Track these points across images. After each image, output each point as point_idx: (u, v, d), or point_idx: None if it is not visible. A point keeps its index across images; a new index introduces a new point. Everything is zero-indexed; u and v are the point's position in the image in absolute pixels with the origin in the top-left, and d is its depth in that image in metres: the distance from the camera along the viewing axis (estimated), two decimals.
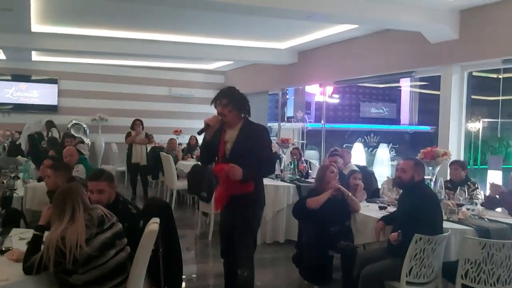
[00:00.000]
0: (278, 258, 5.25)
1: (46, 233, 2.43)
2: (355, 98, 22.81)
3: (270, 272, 4.92)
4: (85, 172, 4.87)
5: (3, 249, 2.59)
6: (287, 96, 17.92)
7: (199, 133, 3.17)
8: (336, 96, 20.81)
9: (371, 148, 13.99)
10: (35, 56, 10.12)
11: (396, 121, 22.03)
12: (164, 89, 11.91)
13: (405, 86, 19.86)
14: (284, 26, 7.03)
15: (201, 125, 3.20)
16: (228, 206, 3.24)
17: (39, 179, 4.41)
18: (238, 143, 3.14)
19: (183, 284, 4.01)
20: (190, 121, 11.61)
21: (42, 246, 2.33)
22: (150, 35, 7.78)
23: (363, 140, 15.20)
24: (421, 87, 18.40)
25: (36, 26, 7.03)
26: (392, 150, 13.32)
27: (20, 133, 7.78)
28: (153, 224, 2.52)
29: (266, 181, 5.96)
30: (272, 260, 5.24)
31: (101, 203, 2.72)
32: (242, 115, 3.21)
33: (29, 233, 2.87)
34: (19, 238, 2.83)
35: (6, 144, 7.26)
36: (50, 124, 9.65)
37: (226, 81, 12.19)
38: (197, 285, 4.56)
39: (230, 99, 3.15)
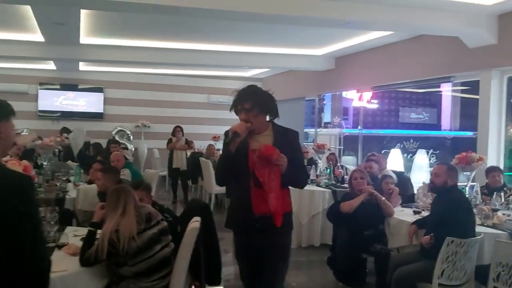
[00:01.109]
0: (313, 261, 5.36)
1: (99, 232, 2.67)
2: (394, 103, 22.51)
3: (304, 274, 5.04)
4: (130, 176, 5.18)
5: (60, 244, 2.85)
6: (324, 102, 17.98)
7: (228, 143, 2.56)
8: (375, 101, 20.60)
9: (410, 154, 13.80)
10: (82, 66, 10.68)
11: (437, 126, 21.56)
12: (203, 96, 12.25)
13: (446, 90, 19.44)
14: (321, 33, 7.15)
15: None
16: (257, 227, 2.54)
17: (89, 182, 4.74)
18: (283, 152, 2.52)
19: (222, 282, 4.18)
20: (228, 127, 11.81)
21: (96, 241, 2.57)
22: (190, 45, 8.09)
23: (402, 145, 15.01)
24: (462, 91, 17.96)
25: (85, 38, 7.48)
26: (433, 156, 13.09)
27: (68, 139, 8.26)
28: (195, 223, 2.73)
29: None
30: (307, 263, 5.35)
31: None
32: (268, 117, 2.69)
33: (81, 231, 3.15)
34: (73, 235, 3.10)
35: (57, 150, 7.73)
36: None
37: (263, 87, 12.31)
38: (235, 284, 4.73)
39: (255, 102, 2.60)
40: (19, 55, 8.22)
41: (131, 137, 11.75)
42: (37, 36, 7.22)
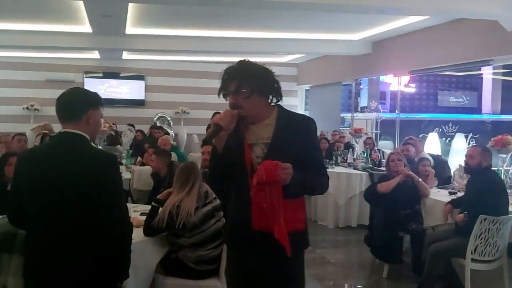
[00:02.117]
0: (350, 240, 5.58)
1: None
2: (433, 86, 22.06)
3: (342, 251, 5.28)
4: (177, 159, 5.53)
5: None
6: (361, 86, 17.89)
7: (207, 141, 2.04)
8: (413, 85, 20.28)
9: (448, 138, 13.62)
10: (125, 55, 11.13)
11: (477, 110, 21.01)
12: None
13: (487, 73, 18.89)
14: (357, 18, 7.21)
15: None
16: (257, 247, 1.94)
17: (142, 164, 5.12)
18: (276, 144, 1.91)
19: None
20: None
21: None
22: (228, 33, 8.33)
23: (440, 130, 14.80)
24: (504, 74, 17.43)
25: (130, 28, 7.85)
26: (472, 140, 12.87)
27: (116, 125, 8.75)
28: None
29: (339, 168, 6.36)
30: (344, 242, 5.59)
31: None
32: (270, 100, 2.02)
33: (140, 207, 3.51)
34: (133, 211, 3.45)
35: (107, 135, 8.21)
36: None
37: (299, 73, 12.53)
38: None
39: (243, 80, 1.95)
40: (68, 45, 8.71)
41: (171, 123, 12.19)
42: (86, 28, 7.63)
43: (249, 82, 1.95)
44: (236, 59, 8.25)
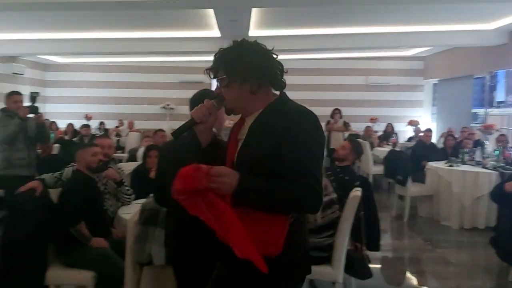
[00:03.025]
0: (475, 242, 5.26)
1: None
2: None
3: (465, 253, 5.02)
4: None
5: None
6: (497, 80, 16.27)
7: (175, 134, 1.63)
8: None
9: None
10: None
11: None
12: (360, 78, 12.35)
13: None
14: (492, 6, 6.71)
15: (388, 113, 2.65)
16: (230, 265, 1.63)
17: None
18: (247, 142, 1.57)
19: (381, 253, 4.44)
20: (386, 109, 11.82)
21: None
22: (351, 29, 8.34)
23: None
24: None
25: (253, 31, 8.33)
26: None
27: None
28: (356, 192, 3.11)
29: (465, 167, 6.00)
30: (469, 243, 5.29)
31: None
32: (266, 87, 1.60)
33: None
34: None
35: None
36: None
37: (425, 66, 11.93)
38: (395, 256, 4.98)
39: (219, 64, 1.59)
40: (199, 49, 9.51)
41: None
42: (214, 32, 8.30)
43: (227, 67, 1.57)
44: (356, 54, 8.34)
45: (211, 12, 6.77)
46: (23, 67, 10.60)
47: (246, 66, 1.55)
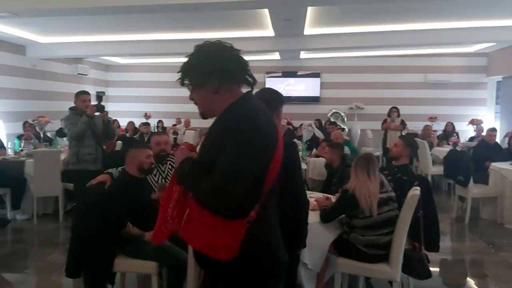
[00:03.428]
0: None
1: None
2: None
3: None
4: (350, 152, 5.73)
5: None
6: None
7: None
8: None
9: None
10: (302, 54, 11.75)
11: None
12: (419, 76, 11.98)
13: None
14: None
15: (448, 111, 2.85)
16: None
17: (316, 156, 5.49)
18: (204, 143, 1.68)
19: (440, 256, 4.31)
20: (446, 107, 11.40)
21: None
22: (407, 26, 8.12)
23: None
24: None
25: (308, 29, 8.32)
26: None
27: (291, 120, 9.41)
28: (415, 191, 3.05)
29: None
30: None
31: None
32: (228, 86, 1.61)
33: (313, 194, 3.83)
34: (309, 197, 3.78)
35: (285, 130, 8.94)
36: None
37: (489, 63, 11.37)
38: (455, 258, 4.81)
39: (184, 70, 1.64)
40: (255, 49, 9.62)
41: (345, 119, 12.38)
42: (269, 32, 8.37)
43: (188, 73, 1.63)
44: (413, 51, 8.10)
45: (265, 12, 6.83)
46: (87, 68, 11.22)
47: (203, 67, 1.58)
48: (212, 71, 1.57)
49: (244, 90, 1.67)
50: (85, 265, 3.03)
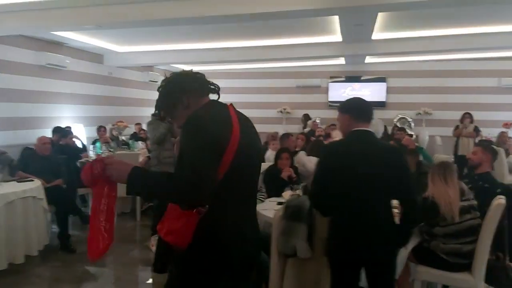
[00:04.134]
0: None
1: None
2: None
3: None
4: (422, 159, 5.62)
5: None
6: None
7: None
8: None
9: None
10: (368, 59, 11.59)
11: None
12: (492, 80, 11.44)
13: None
14: None
15: (495, 116, 2.83)
16: None
17: None
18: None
19: None
20: None
21: None
22: (480, 29, 7.83)
23: None
24: None
25: (376, 34, 8.23)
26: None
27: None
28: (500, 199, 2.98)
29: None
30: None
31: None
32: (194, 99, 1.85)
33: None
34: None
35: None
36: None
37: None
38: None
39: (158, 105, 1.95)
40: (320, 54, 9.66)
41: (412, 124, 12.05)
42: (336, 37, 8.38)
43: (161, 105, 1.93)
44: (486, 55, 7.72)
45: (335, 18, 6.87)
46: (158, 75, 11.78)
47: (173, 92, 1.86)
48: (179, 94, 1.83)
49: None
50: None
